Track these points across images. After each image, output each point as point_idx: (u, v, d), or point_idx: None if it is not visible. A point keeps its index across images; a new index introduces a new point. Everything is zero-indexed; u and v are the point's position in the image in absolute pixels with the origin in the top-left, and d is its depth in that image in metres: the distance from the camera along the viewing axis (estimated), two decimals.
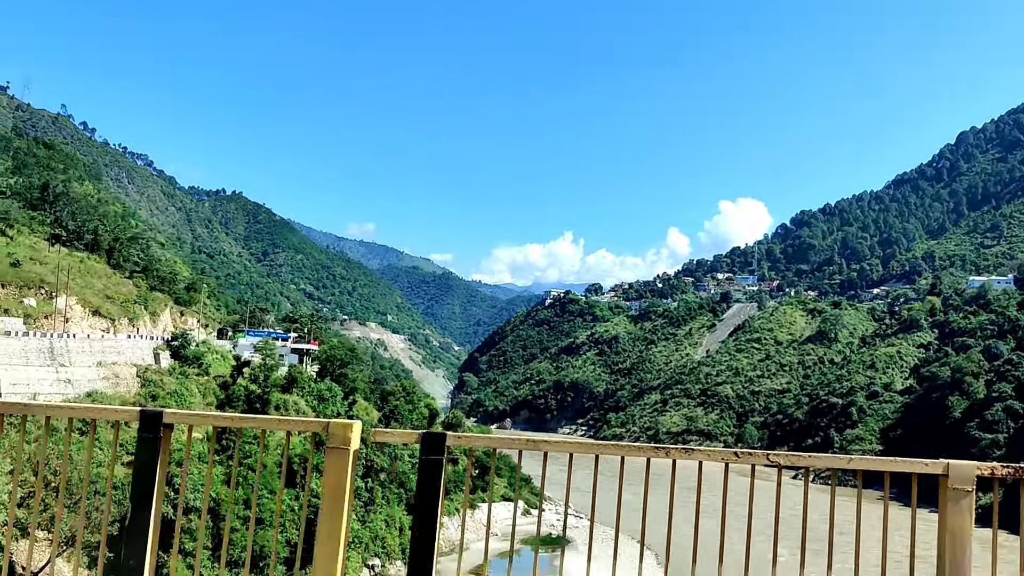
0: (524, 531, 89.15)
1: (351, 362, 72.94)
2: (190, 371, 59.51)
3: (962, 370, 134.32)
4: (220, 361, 65.34)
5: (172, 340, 62.08)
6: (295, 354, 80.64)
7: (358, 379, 72.42)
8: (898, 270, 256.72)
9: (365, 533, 55.54)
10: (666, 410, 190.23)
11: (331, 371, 71.88)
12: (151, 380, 54.85)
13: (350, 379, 70.22)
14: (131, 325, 65.76)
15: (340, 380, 69.53)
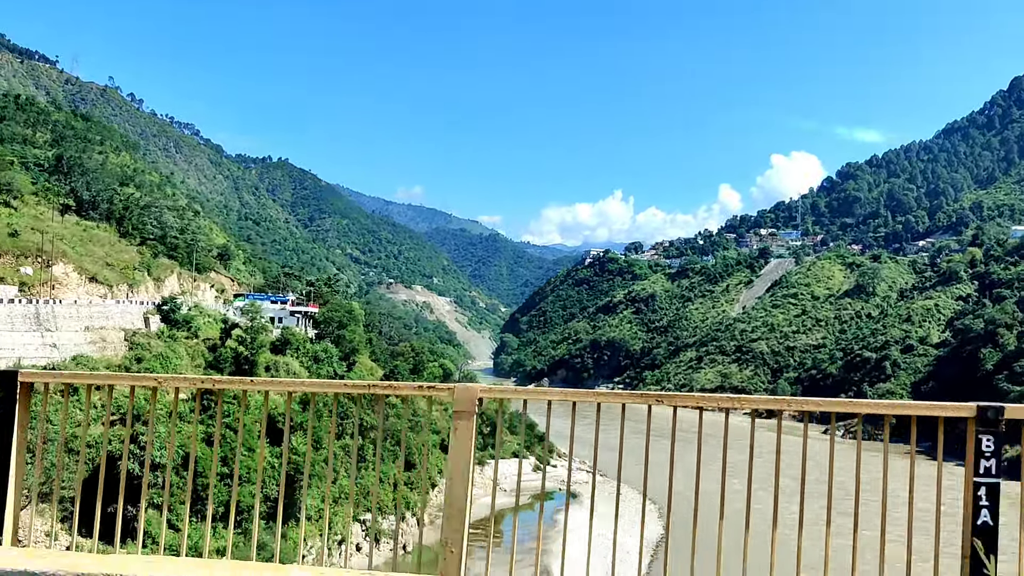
0: (535, 488, 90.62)
1: (349, 323, 74.36)
2: (179, 334, 61.49)
3: (996, 322, 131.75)
4: (211, 325, 67.21)
5: (162, 304, 64.07)
6: (294, 317, 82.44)
7: (357, 339, 73.92)
8: (944, 222, 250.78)
9: (354, 489, 57.24)
10: (701, 367, 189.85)
11: (329, 333, 73.58)
12: (139, 344, 56.88)
13: (348, 340, 71.74)
14: (131, 291, 67.99)
15: (339, 341, 71.15)
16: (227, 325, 65.31)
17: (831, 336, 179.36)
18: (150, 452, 5.47)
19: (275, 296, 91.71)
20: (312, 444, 55.97)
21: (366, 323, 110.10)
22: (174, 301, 64.76)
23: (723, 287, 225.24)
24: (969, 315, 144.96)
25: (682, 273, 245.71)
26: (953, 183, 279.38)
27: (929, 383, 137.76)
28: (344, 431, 57.22)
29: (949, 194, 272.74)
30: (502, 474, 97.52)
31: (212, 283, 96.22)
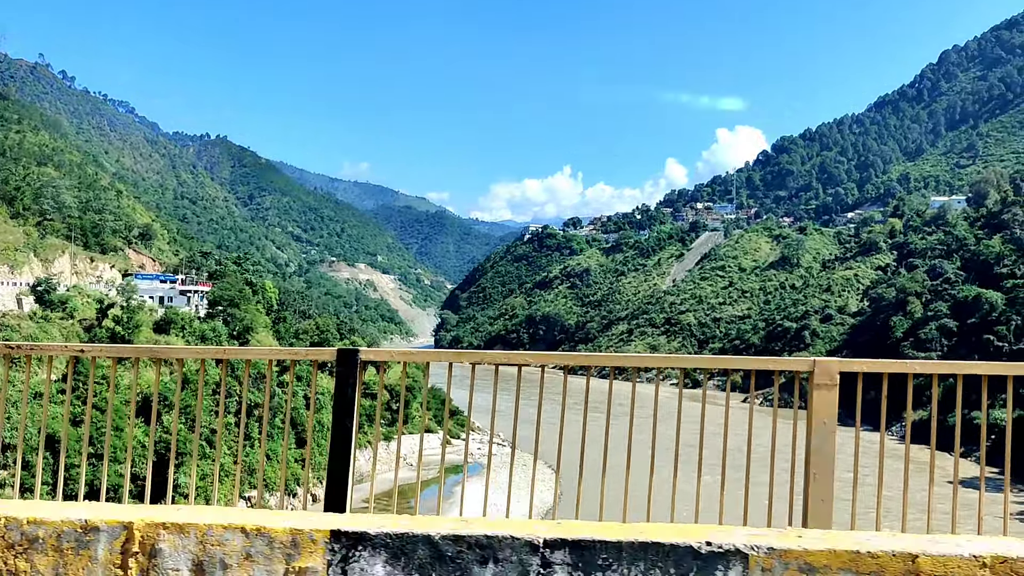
0: (449, 460, 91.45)
1: (240, 302, 74.22)
2: (53, 315, 61.00)
3: (906, 290, 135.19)
4: (89, 305, 66.60)
5: (36, 285, 63.41)
6: (185, 296, 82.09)
7: (249, 318, 73.79)
8: (873, 193, 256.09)
9: (234, 468, 57.43)
10: (632, 340, 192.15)
11: (220, 312, 73.41)
12: (7, 325, 56.36)
13: (239, 319, 71.68)
14: (12, 273, 67.05)
15: (230, 320, 71.08)
16: (103, 305, 64.82)
17: (756, 307, 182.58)
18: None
19: (164, 275, 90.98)
20: (191, 423, 56.10)
21: (281, 302, 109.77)
22: (49, 281, 64.08)
23: (655, 261, 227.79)
24: (883, 284, 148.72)
25: (616, 248, 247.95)
26: (882, 156, 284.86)
27: (843, 351, 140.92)
28: (228, 409, 57.29)
29: (878, 166, 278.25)
30: (412, 449, 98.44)
31: (113, 263, 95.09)
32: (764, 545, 3.35)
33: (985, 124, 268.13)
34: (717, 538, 3.37)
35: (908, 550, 3.34)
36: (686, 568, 3.32)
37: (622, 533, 3.43)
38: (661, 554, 3.34)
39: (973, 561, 3.33)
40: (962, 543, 3.42)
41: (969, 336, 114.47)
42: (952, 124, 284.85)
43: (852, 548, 3.33)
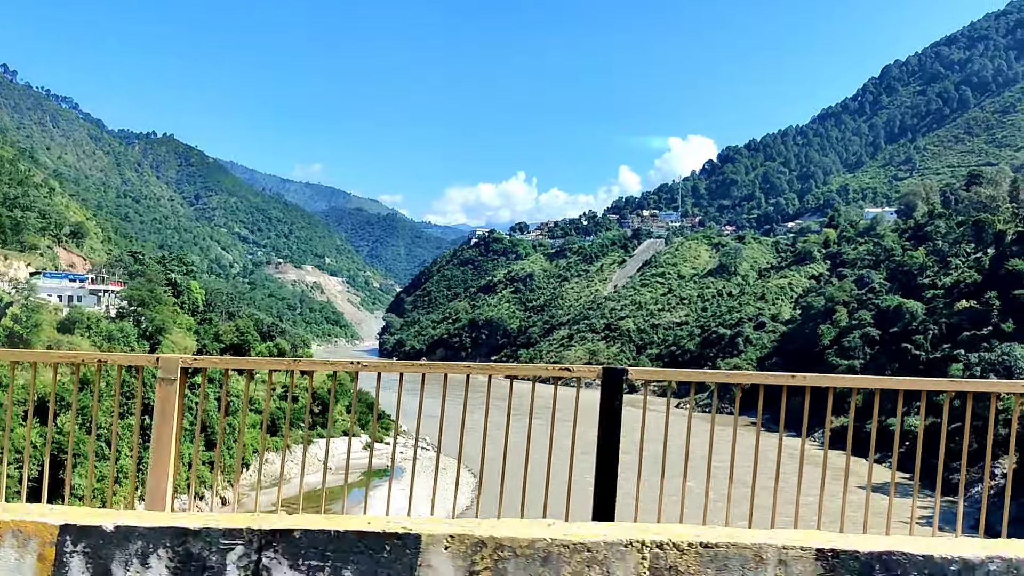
0: (375, 465, 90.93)
1: (151, 302, 73.24)
2: None
3: (834, 299, 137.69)
4: None
5: None
6: (93, 296, 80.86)
7: (161, 319, 72.77)
8: (813, 204, 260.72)
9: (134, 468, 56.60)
10: (572, 344, 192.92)
11: (129, 312, 72.38)
12: None
13: (149, 320, 70.72)
14: None
15: (140, 321, 70.17)
16: (1, 304, 63.57)
17: (693, 314, 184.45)
18: None
19: (73, 275, 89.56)
20: (89, 424, 55.18)
21: (207, 303, 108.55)
22: None
23: (598, 267, 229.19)
24: (813, 293, 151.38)
25: (560, 253, 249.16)
26: (824, 167, 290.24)
27: (773, 358, 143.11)
28: (128, 410, 56.47)
29: (819, 177, 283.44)
30: (339, 452, 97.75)
31: (30, 261, 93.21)
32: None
33: (923, 138, 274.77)
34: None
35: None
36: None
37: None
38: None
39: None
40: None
41: (890, 344, 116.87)
42: (891, 137, 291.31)
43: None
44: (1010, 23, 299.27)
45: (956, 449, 32.59)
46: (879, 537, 3.86)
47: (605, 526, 3.74)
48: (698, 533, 3.62)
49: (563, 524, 3.75)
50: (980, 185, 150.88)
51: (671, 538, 3.57)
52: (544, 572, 3.50)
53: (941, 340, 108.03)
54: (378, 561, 3.53)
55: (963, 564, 3.56)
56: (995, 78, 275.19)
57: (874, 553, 3.59)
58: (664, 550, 3.54)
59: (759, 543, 3.57)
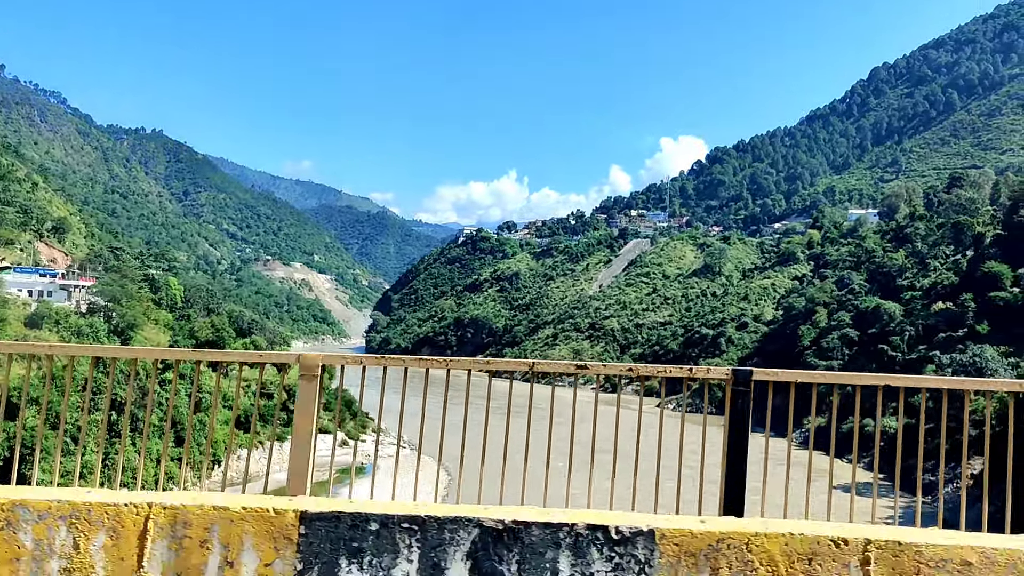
0: (346, 462, 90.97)
1: (122, 298, 73.14)
2: None
3: (814, 300, 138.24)
4: None
5: None
6: (64, 291, 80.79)
7: (132, 314, 72.61)
8: (799, 205, 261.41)
9: (109, 465, 56.58)
10: (556, 343, 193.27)
11: (100, 308, 72.26)
12: None
13: (120, 315, 70.62)
14: None
15: (111, 316, 70.08)
16: None
17: (677, 314, 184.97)
18: None
19: (44, 269, 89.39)
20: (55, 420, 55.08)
21: (186, 299, 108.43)
22: None
23: (584, 266, 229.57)
24: (794, 294, 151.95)
25: (547, 252, 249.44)
26: (811, 168, 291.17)
27: (754, 358, 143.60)
28: (96, 405, 56.42)
29: (806, 179, 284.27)
30: (317, 449, 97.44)
31: (4, 256, 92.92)
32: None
33: (909, 140, 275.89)
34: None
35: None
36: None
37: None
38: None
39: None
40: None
41: (868, 346, 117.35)
42: (878, 139, 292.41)
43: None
44: (997, 26, 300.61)
45: (932, 449, 32.74)
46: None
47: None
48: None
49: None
50: (961, 187, 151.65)
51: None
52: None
53: (917, 341, 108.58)
54: None
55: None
56: (981, 81, 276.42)
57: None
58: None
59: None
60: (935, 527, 4.36)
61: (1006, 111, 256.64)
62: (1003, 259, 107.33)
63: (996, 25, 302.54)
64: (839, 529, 3.94)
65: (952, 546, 3.82)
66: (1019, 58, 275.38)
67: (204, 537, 3.99)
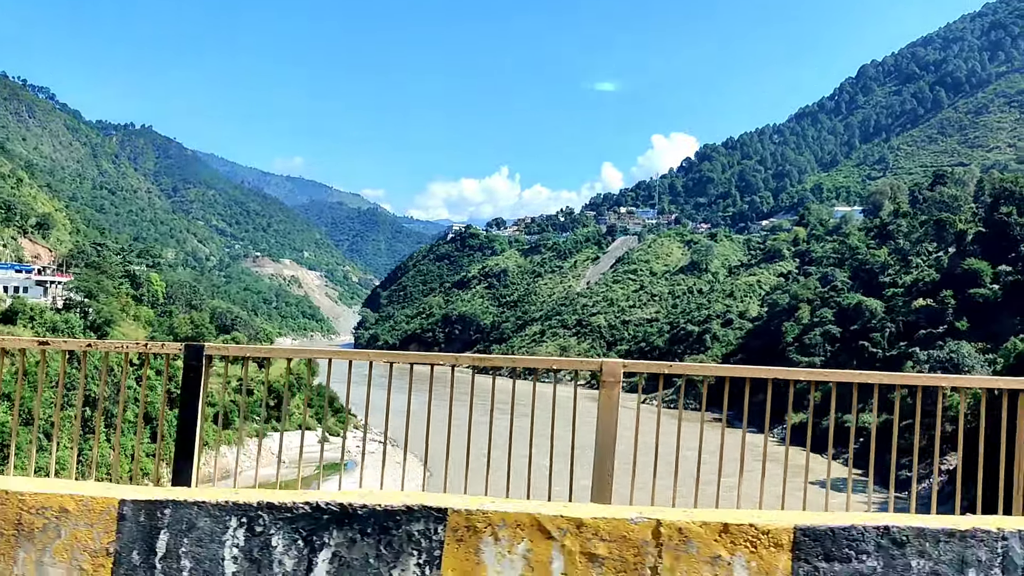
0: (326, 458, 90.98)
1: (98, 294, 73.13)
2: None
3: (798, 297, 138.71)
4: None
5: None
6: (40, 286, 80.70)
7: (107, 310, 72.59)
8: (787, 202, 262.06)
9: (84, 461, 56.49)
10: (544, 340, 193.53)
11: (76, 303, 72.25)
12: None
13: (96, 311, 70.61)
14: None
15: (86, 312, 70.09)
16: None
17: (664, 310, 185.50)
18: None
19: (20, 265, 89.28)
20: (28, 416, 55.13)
21: (168, 295, 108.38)
22: None
23: (571, 263, 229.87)
24: (779, 291, 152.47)
25: (535, 249, 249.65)
26: (799, 166, 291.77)
27: (739, 355, 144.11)
28: (69, 401, 56.46)
29: (794, 176, 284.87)
30: (294, 446, 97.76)
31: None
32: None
33: (896, 137, 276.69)
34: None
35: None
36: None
37: None
38: None
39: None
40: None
41: (850, 342, 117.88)
42: (866, 137, 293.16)
43: None
44: (985, 25, 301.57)
45: (908, 445, 32.95)
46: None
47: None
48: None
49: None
50: (945, 185, 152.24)
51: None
52: None
53: (898, 338, 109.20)
54: None
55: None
56: (968, 79, 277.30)
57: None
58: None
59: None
60: None
61: (993, 109, 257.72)
62: (983, 256, 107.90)
63: (984, 23, 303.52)
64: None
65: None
66: (1006, 56, 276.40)
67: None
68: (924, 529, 4.12)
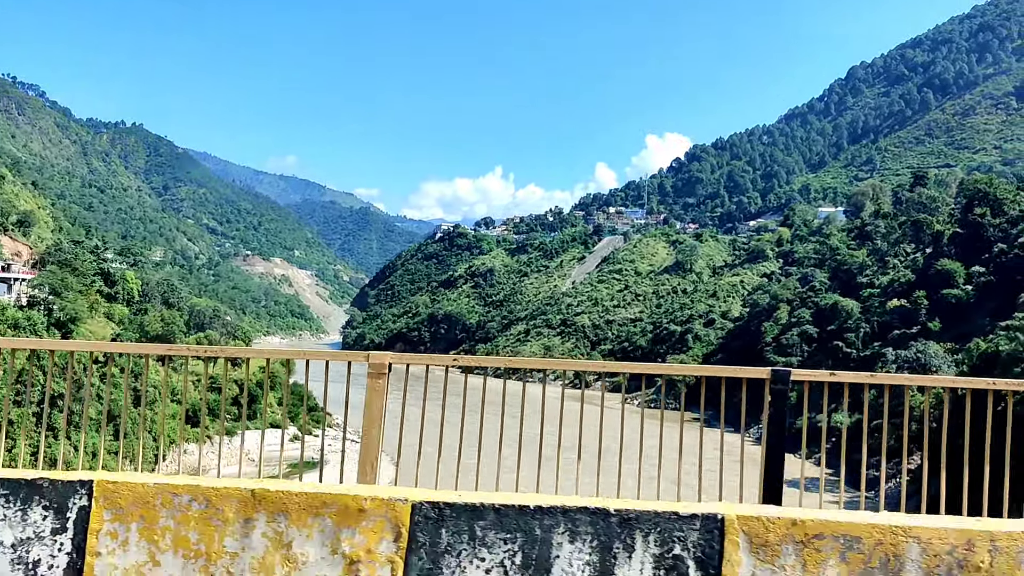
0: (294, 457, 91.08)
1: (62, 291, 73.04)
2: None
3: (778, 297, 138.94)
4: None
5: None
6: (3, 283, 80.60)
7: (73, 307, 72.49)
8: (774, 203, 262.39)
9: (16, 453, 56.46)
10: (528, 339, 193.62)
11: (40, 300, 72.16)
12: None
13: (60, 308, 70.56)
14: None
15: (51, 309, 70.04)
16: None
17: (648, 310, 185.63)
18: None
19: None
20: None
21: (143, 293, 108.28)
22: None
23: (558, 263, 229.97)
24: (760, 291, 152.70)
25: (522, 248, 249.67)
26: (787, 167, 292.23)
27: (719, 355, 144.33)
28: (30, 399, 56.39)
29: (782, 177, 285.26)
30: (256, 445, 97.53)
31: None
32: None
33: (884, 139, 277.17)
34: None
35: None
36: None
37: None
38: None
39: None
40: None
41: (826, 342, 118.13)
42: (854, 138, 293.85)
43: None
44: (973, 27, 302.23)
45: (877, 445, 33.14)
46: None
47: None
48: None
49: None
50: (925, 186, 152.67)
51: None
52: None
53: (872, 338, 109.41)
54: None
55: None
56: (956, 81, 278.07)
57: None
58: None
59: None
60: None
61: (980, 111, 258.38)
62: (958, 257, 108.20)
63: (972, 25, 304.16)
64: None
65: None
66: (994, 58, 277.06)
67: None
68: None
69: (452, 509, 4.51)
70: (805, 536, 4.42)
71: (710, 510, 4.48)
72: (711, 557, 4.38)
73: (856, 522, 4.46)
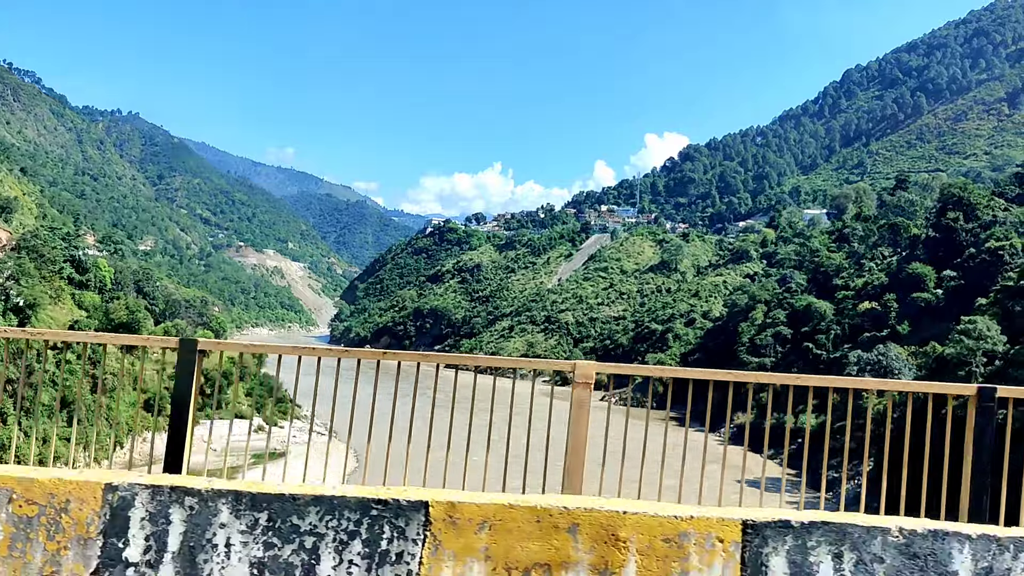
0: (259, 447, 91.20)
1: (20, 277, 73.23)
2: None
3: (756, 298, 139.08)
4: None
5: None
6: None
7: (32, 293, 72.62)
8: (764, 204, 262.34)
9: None
10: (512, 336, 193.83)
11: None
12: None
13: (18, 294, 70.66)
14: None
15: (7, 295, 70.16)
16: None
17: (631, 308, 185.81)
18: None
19: None
20: None
21: (116, 281, 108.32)
22: None
23: (545, 260, 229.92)
24: (739, 291, 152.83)
25: (510, 244, 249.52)
26: (779, 168, 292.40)
27: (697, 354, 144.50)
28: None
29: (773, 178, 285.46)
30: (220, 435, 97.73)
31: None
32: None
33: (876, 142, 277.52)
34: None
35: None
36: None
37: None
38: None
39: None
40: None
41: (800, 343, 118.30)
42: (847, 141, 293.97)
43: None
44: (968, 32, 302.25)
45: (841, 446, 33.38)
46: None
47: None
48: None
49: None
50: (906, 190, 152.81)
51: None
52: None
53: (843, 340, 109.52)
54: None
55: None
56: (949, 85, 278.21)
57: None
58: None
59: None
60: None
61: (971, 116, 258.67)
62: (931, 261, 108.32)
63: (967, 30, 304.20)
64: None
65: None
66: (987, 63, 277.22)
67: None
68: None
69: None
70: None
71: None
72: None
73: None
